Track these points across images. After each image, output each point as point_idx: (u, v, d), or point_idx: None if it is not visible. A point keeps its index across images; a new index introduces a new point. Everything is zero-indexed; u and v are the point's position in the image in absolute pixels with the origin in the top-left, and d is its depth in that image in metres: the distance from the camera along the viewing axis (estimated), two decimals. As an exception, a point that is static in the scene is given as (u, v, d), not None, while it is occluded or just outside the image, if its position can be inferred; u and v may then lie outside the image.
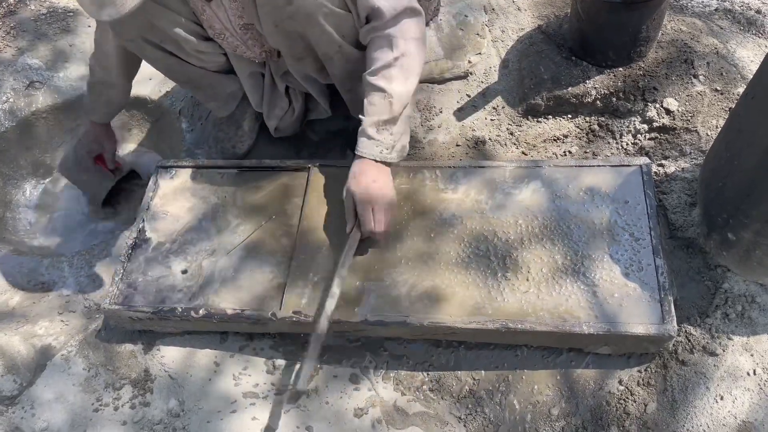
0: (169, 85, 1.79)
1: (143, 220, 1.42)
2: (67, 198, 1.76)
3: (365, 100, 1.23)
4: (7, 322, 1.42)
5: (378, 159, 1.23)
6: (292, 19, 1.19)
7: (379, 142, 1.23)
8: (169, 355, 1.33)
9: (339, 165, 1.44)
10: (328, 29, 1.21)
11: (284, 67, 1.42)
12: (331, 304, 1.18)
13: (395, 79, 1.21)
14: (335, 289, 1.19)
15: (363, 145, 1.23)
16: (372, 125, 1.22)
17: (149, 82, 1.80)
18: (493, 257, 1.24)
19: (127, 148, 1.85)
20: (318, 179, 1.43)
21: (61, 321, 1.41)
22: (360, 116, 1.24)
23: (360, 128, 1.24)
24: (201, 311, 1.26)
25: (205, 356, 1.32)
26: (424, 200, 1.35)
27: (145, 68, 1.53)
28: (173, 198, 1.45)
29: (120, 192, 1.73)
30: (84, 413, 1.27)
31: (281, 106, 1.52)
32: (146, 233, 1.40)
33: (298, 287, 1.26)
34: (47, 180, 1.81)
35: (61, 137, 1.84)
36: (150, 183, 1.47)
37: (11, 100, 1.79)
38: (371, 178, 1.22)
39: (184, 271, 1.33)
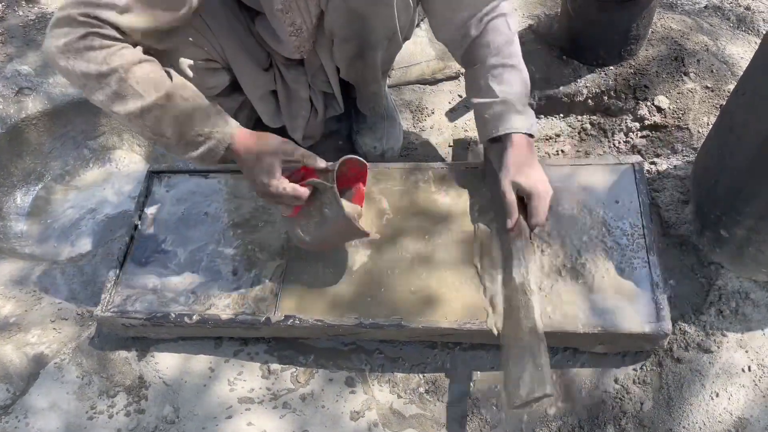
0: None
1: (135, 227, 1.41)
2: (59, 205, 1.76)
3: (496, 83, 1.19)
4: (-1, 330, 1.41)
5: (530, 132, 1.19)
6: None
7: (527, 115, 1.20)
8: (164, 362, 1.32)
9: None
10: (394, 14, 1.19)
11: (315, 63, 1.37)
12: (536, 301, 1.12)
13: (520, 55, 1.22)
14: (533, 287, 1.13)
15: (514, 120, 1.18)
16: (517, 101, 1.19)
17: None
18: (486, 258, 1.24)
19: (119, 153, 1.84)
20: (311, 182, 1.42)
21: (54, 329, 1.40)
22: (479, 99, 1.22)
23: (496, 109, 1.19)
24: (195, 316, 1.25)
25: (199, 362, 1.32)
26: (417, 202, 1.35)
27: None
28: (166, 204, 1.44)
29: None
30: (78, 421, 1.26)
31: (303, 114, 1.47)
32: (138, 240, 1.39)
33: (292, 291, 1.26)
34: (39, 187, 1.80)
35: (52, 144, 1.82)
36: (141, 188, 1.46)
37: (1, 107, 1.78)
38: (535, 164, 1.18)
39: (178, 277, 1.32)
